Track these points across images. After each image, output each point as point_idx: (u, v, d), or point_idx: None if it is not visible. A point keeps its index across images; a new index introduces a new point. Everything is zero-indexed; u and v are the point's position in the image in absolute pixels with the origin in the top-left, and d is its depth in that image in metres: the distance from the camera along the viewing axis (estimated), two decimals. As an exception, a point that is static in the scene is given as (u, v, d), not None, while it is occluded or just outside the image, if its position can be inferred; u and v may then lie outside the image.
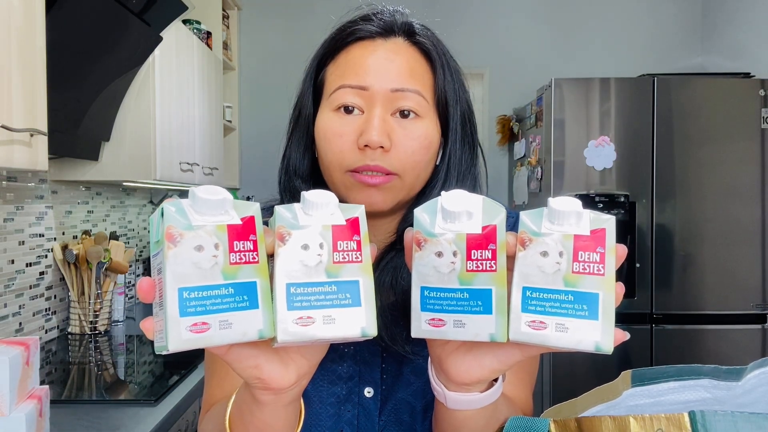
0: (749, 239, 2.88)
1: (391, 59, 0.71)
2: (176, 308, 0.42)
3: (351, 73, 0.71)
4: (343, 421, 0.75)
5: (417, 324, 0.48)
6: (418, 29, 0.76)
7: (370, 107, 0.70)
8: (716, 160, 2.87)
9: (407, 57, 0.73)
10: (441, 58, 0.75)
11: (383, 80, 0.70)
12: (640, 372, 0.58)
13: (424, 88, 0.72)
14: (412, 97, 0.71)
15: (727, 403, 0.54)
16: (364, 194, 0.70)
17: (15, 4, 1.28)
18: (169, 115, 2.36)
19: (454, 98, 0.75)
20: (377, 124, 0.69)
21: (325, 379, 0.76)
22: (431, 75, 0.74)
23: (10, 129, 1.23)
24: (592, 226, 0.45)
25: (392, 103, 0.71)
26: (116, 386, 1.71)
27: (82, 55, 1.77)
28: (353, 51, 0.73)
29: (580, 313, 0.44)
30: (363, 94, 0.70)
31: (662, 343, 2.86)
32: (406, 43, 0.74)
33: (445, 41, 0.83)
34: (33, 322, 2.06)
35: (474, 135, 0.78)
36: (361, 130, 0.70)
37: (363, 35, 0.73)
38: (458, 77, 0.77)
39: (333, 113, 0.72)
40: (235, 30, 3.63)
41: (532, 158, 3.17)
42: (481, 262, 0.46)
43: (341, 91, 0.71)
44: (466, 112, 0.77)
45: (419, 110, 0.71)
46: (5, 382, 0.96)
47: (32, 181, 2.07)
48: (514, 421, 0.55)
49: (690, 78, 3.00)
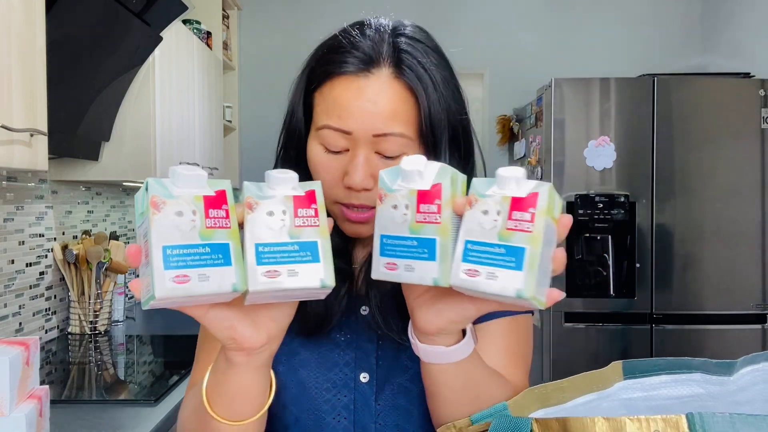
0: (749, 239, 2.88)
1: (374, 102, 0.71)
2: (161, 262, 0.48)
3: (334, 115, 0.72)
4: (340, 406, 0.78)
5: (376, 267, 0.56)
6: (405, 59, 0.73)
7: (354, 148, 0.72)
8: (716, 160, 2.87)
9: (390, 96, 0.72)
10: (427, 88, 0.73)
11: (367, 125, 0.71)
12: (631, 364, 0.58)
13: (408, 126, 0.72)
14: (395, 141, 0.72)
15: (722, 400, 0.54)
16: (352, 228, 0.76)
17: (15, 4, 1.28)
18: (169, 115, 2.36)
19: (441, 126, 0.74)
20: (361, 168, 0.71)
21: (322, 366, 0.79)
22: (416, 109, 0.73)
23: (10, 129, 1.23)
24: (529, 191, 0.51)
25: (376, 145, 0.72)
26: (116, 386, 1.72)
27: (82, 55, 1.77)
28: (337, 87, 0.73)
29: (509, 264, 0.50)
30: (346, 137, 0.72)
31: (662, 343, 2.86)
32: (390, 78, 0.72)
33: (445, 42, 0.83)
34: (33, 322, 2.06)
35: (469, 148, 0.79)
36: (345, 170, 0.72)
37: (348, 70, 0.72)
38: (448, 97, 0.75)
39: (320, 147, 0.74)
40: (235, 30, 3.63)
41: (532, 158, 3.17)
42: (428, 215, 0.53)
43: (326, 131, 0.73)
44: (458, 132, 0.77)
45: (404, 150, 0.72)
46: (5, 382, 0.96)
47: (32, 181, 2.07)
48: (499, 421, 0.55)
49: (690, 78, 3.00)
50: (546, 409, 0.57)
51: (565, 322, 2.87)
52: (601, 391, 0.58)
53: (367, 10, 0.80)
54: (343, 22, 0.81)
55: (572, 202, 2.87)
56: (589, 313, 2.87)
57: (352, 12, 0.76)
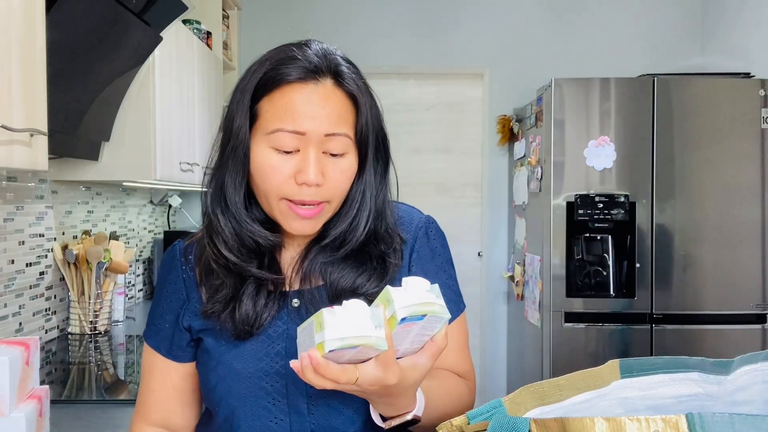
0: (749, 239, 2.88)
1: (323, 106, 0.81)
2: None
3: (288, 118, 0.80)
4: (273, 392, 0.86)
5: None
6: (344, 71, 0.84)
7: (306, 147, 0.81)
8: (716, 160, 2.87)
9: (336, 102, 0.82)
10: (363, 99, 0.84)
11: (318, 126, 0.80)
12: (628, 363, 0.58)
13: (349, 128, 0.83)
14: (340, 140, 0.82)
15: (720, 399, 0.54)
16: (298, 223, 0.83)
17: (15, 4, 1.28)
18: (169, 115, 2.36)
19: (371, 129, 0.86)
20: (313, 167, 0.80)
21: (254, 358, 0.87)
22: (354, 115, 0.84)
23: (10, 129, 1.23)
24: None
25: (324, 144, 0.81)
26: (116, 386, 1.72)
27: (82, 55, 1.77)
28: (288, 93, 0.81)
29: None
30: (299, 137, 0.80)
31: (662, 343, 2.86)
32: (333, 86, 0.83)
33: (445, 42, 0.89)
34: (33, 322, 2.06)
35: (387, 152, 0.90)
36: (298, 168, 0.81)
37: (296, 77, 0.81)
38: (375, 109, 0.87)
39: (271, 150, 0.82)
40: (235, 30, 3.63)
41: (532, 158, 3.17)
42: None
43: (279, 134, 0.80)
44: (381, 138, 0.89)
45: (346, 149, 0.83)
46: (5, 382, 0.96)
47: (32, 181, 2.07)
48: (497, 421, 0.55)
49: (690, 78, 2.99)
50: (543, 407, 0.57)
51: (565, 322, 2.87)
52: (599, 390, 0.58)
53: (364, 10, 0.82)
54: (343, 21, 0.84)
55: (572, 202, 2.87)
56: (589, 313, 2.87)
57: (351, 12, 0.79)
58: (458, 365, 0.92)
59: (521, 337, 3.43)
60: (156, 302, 0.95)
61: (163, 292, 0.94)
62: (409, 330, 0.68)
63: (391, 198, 0.92)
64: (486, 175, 3.82)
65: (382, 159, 0.90)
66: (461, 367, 0.93)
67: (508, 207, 3.79)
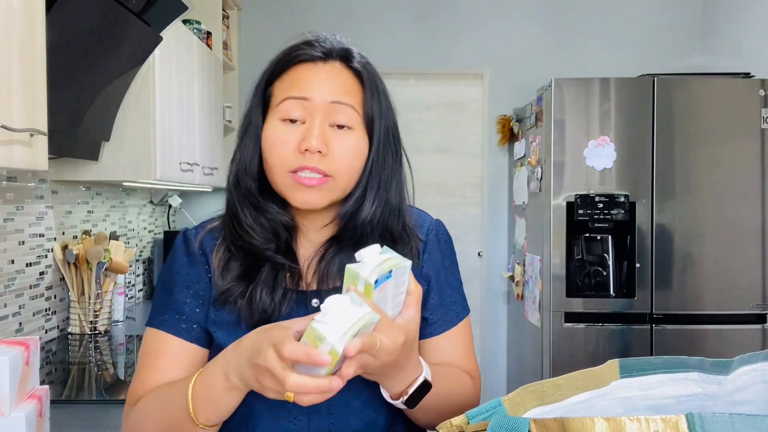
0: (749, 239, 2.88)
1: (330, 78, 0.86)
2: None
3: (295, 87, 0.85)
4: None
5: None
6: (355, 56, 0.89)
7: (312, 117, 0.84)
8: (716, 160, 2.87)
9: (343, 78, 0.87)
10: (371, 81, 0.88)
11: (324, 93, 0.84)
12: (627, 363, 0.58)
13: (356, 103, 0.86)
14: (346, 111, 0.85)
15: (720, 399, 0.54)
16: (302, 194, 0.84)
17: (15, 4, 1.28)
18: (169, 115, 2.36)
19: (379, 115, 0.88)
20: (317, 133, 0.83)
21: None
22: (361, 93, 0.88)
23: (10, 129, 1.23)
24: None
25: (330, 115, 0.84)
26: (116, 386, 1.72)
27: (82, 55, 1.77)
28: (297, 70, 0.87)
29: None
30: (305, 104, 0.84)
31: (662, 343, 2.86)
32: (342, 67, 0.88)
33: (445, 41, 0.91)
34: (33, 322, 2.06)
35: (398, 146, 0.92)
36: (302, 137, 0.83)
37: (306, 58, 0.87)
38: (386, 99, 0.90)
39: (279, 122, 0.85)
40: (235, 30, 3.63)
41: (532, 158, 3.17)
42: None
43: (286, 102, 0.85)
44: (390, 128, 0.90)
45: (352, 123, 0.85)
46: (5, 382, 0.96)
47: (32, 181, 2.07)
48: (497, 421, 0.55)
49: (690, 78, 2.99)
50: (543, 407, 0.57)
51: (565, 322, 2.87)
52: (598, 390, 0.58)
53: (364, 10, 0.83)
54: (343, 21, 0.86)
55: (572, 202, 2.87)
56: (589, 313, 2.87)
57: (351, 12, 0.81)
58: (464, 366, 0.94)
59: (521, 337, 3.43)
60: (168, 287, 0.91)
61: (178, 277, 0.91)
62: (385, 292, 0.72)
63: (408, 200, 0.93)
64: (486, 175, 3.82)
65: (392, 150, 0.90)
66: (467, 368, 0.95)
67: (508, 207, 3.79)
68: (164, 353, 0.88)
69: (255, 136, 0.87)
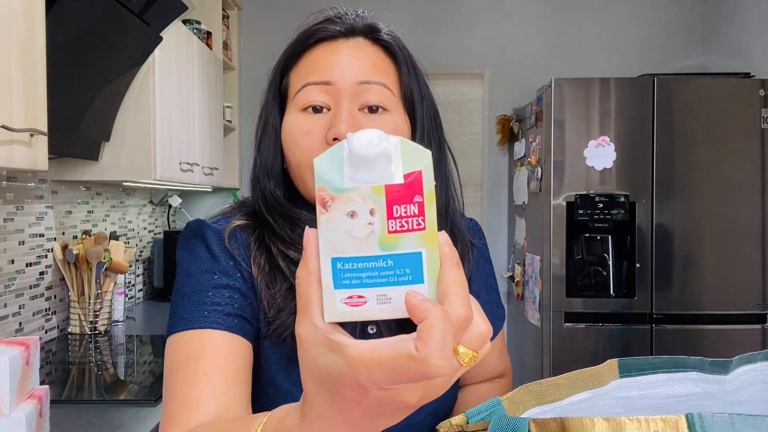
0: (749, 239, 2.88)
1: (353, 56, 0.71)
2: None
3: (314, 72, 0.71)
4: None
5: (331, 306, 0.38)
6: (382, 28, 0.76)
7: (337, 102, 0.70)
8: (716, 160, 2.87)
9: (370, 53, 0.73)
10: (404, 54, 0.75)
11: (348, 74, 0.70)
12: (627, 362, 0.58)
13: (390, 81, 0.72)
14: (378, 90, 0.70)
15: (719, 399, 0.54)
16: None
17: (15, 4, 1.28)
18: (169, 115, 2.36)
19: (419, 94, 0.75)
20: (345, 117, 0.68)
21: None
22: (395, 71, 0.74)
23: (10, 129, 1.23)
24: (405, 170, 0.37)
25: (359, 97, 0.70)
26: (116, 386, 1.72)
27: (82, 55, 1.77)
28: (315, 52, 0.73)
29: (403, 279, 0.37)
30: (328, 89, 0.70)
31: (662, 343, 2.86)
32: (368, 42, 0.74)
33: (445, 41, 0.84)
34: (33, 322, 2.06)
35: (441, 134, 0.79)
36: (329, 126, 0.69)
37: (325, 36, 0.73)
38: (423, 78, 0.77)
39: (300, 113, 0.71)
40: (235, 30, 3.63)
41: (532, 158, 3.17)
42: (406, 219, 0.37)
43: (306, 89, 0.71)
44: (431, 111, 0.77)
45: (387, 104, 0.71)
46: (5, 382, 0.96)
47: (32, 181, 2.07)
48: (497, 421, 0.55)
49: (690, 78, 2.99)
50: (542, 406, 0.57)
51: (565, 322, 2.87)
52: (598, 389, 0.58)
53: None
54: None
55: (572, 202, 2.87)
56: (589, 313, 2.87)
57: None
58: (501, 364, 0.96)
59: (521, 337, 3.43)
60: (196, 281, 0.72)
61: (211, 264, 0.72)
62: None
63: (455, 193, 0.81)
64: (486, 175, 3.82)
65: (437, 139, 0.77)
66: (503, 366, 0.97)
67: (508, 207, 3.79)
68: (205, 355, 0.67)
69: (274, 136, 0.74)
